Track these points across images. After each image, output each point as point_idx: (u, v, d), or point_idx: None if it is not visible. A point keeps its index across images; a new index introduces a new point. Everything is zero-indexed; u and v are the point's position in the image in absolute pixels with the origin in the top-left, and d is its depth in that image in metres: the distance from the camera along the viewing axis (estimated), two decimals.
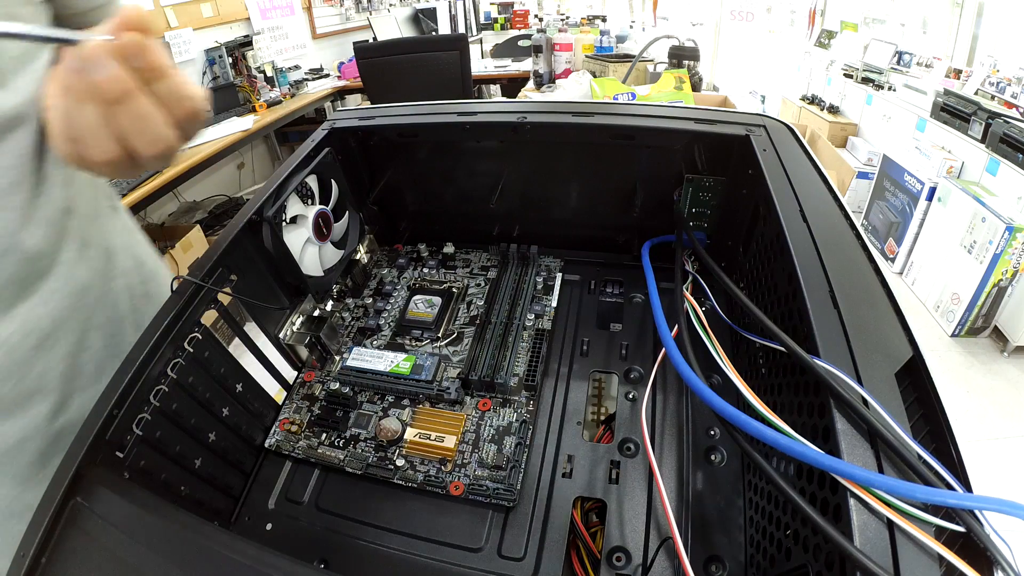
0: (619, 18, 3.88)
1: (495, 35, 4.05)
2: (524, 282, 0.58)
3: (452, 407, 0.48)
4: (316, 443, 0.47)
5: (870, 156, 2.44)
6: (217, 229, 2.14)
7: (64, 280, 0.41)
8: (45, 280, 0.39)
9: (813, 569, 0.27)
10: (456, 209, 0.68)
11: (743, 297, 0.39)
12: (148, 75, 0.27)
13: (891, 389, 0.27)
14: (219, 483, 0.43)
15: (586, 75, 1.60)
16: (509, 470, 0.43)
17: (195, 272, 0.41)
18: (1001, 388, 1.64)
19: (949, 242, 1.84)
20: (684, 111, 0.55)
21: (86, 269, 0.43)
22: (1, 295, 0.36)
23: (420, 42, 2.45)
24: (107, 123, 0.27)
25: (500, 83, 2.88)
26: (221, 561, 0.26)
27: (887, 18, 2.74)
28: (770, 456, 0.34)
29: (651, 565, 0.37)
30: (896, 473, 0.24)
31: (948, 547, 0.21)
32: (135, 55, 0.26)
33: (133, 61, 0.26)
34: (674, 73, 1.29)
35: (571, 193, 0.64)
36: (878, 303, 0.33)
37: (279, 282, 0.51)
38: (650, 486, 0.41)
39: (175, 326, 0.38)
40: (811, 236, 0.37)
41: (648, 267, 0.53)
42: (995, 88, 1.96)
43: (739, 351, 0.49)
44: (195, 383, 0.41)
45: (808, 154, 0.48)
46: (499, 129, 0.58)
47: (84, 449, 0.31)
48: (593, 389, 0.51)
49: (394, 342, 0.55)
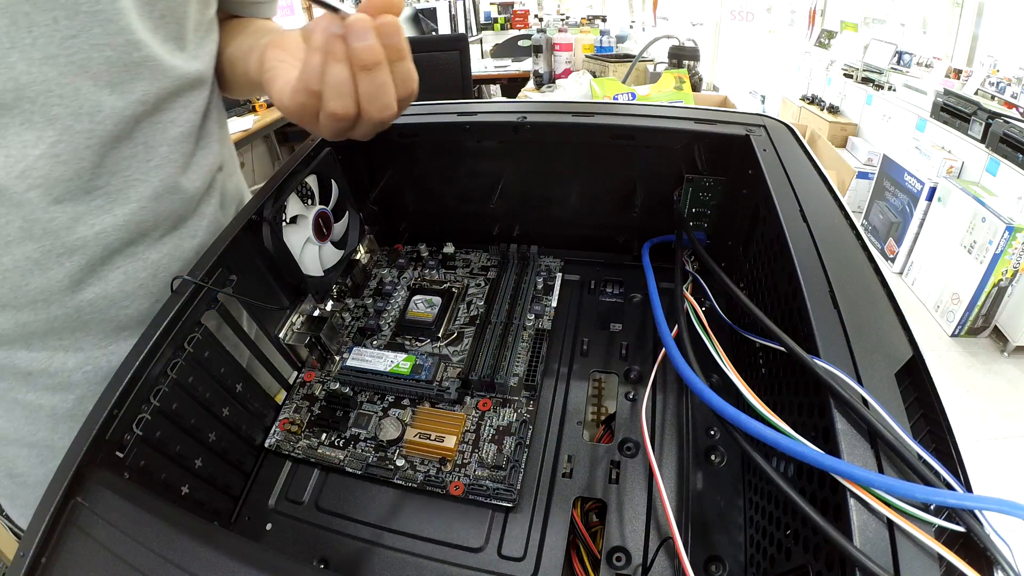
0: (619, 18, 3.88)
1: (495, 35, 4.05)
2: (524, 282, 0.58)
3: (452, 407, 0.48)
4: (316, 443, 0.47)
5: (870, 156, 2.45)
6: None
7: (207, 221, 0.48)
8: (193, 218, 0.47)
9: (813, 569, 0.27)
10: (456, 209, 0.68)
11: (743, 297, 0.39)
12: (393, 54, 0.31)
13: (891, 389, 0.27)
14: (219, 483, 0.43)
15: (586, 75, 1.61)
16: (509, 470, 0.43)
17: (195, 272, 0.41)
18: (1001, 388, 1.64)
19: (949, 242, 1.85)
20: (684, 111, 0.55)
21: (223, 216, 0.51)
22: (160, 226, 0.44)
23: (420, 42, 2.45)
24: (353, 85, 0.31)
25: (500, 83, 2.88)
26: (221, 561, 0.26)
27: (887, 18, 2.75)
28: (770, 456, 0.34)
29: (651, 565, 0.37)
30: (896, 473, 0.24)
31: (948, 547, 0.21)
32: (390, 34, 0.31)
33: (386, 39, 0.31)
34: (674, 73, 1.29)
35: (571, 193, 0.64)
36: (878, 303, 0.33)
37: (279, 282, 0.51)
38: (650, 486, 0.41)
39: (175, 326, 0.38)
40: (811, 236, 0.37)
41: (648, 267, 0.53)
42: (995, 88, 1.96)
43: (739, 351, 0.49)
44: (195, 383, 0.41)
45: (808, 154, 0.48)
46: (499, 129, 0.58)
47: (84, 449, 0.31)
48: (593, 389, 0.51)
49: (394, 342, 0.55)
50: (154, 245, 0.44)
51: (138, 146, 0.40)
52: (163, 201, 0.43)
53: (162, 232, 0.44)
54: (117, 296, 0.43)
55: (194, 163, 0.45)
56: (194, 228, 0.47)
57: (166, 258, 0.45)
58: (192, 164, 0.45)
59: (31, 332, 0.41)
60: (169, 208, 0.44)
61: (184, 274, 0.40)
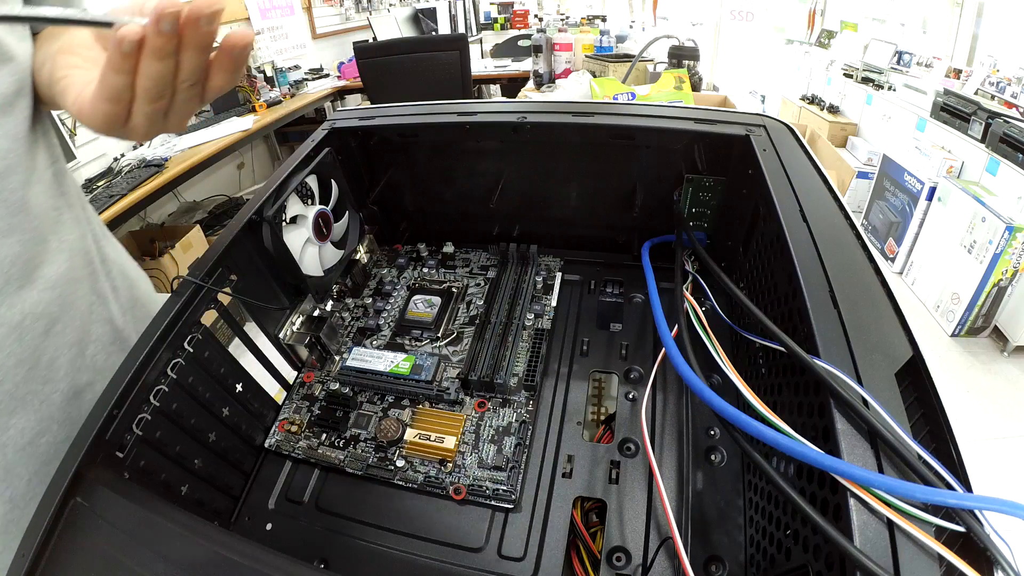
0: (619, 18, 3.88)
1: (495, 35, 4.05)
2: (524, 282, 0.58)
3: (452, 407, 0.48)
4: (316, 443, 0.47)
5: (870, 156, 2.44)
6: (217, 229, 2.14)
7: (67, 267, 0.41)
8: (47, 266, 0.39)
9: (813, 569, 0.27)
10: (456, 209, 0.68)
11: (743, 297, 0.39)
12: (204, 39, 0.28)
13: (891, 389, 0.27)
14: (219, 483, 0.43)
15: (586, 75, 1.60)
16: (509, 470, 0.43)
17: (195, 272, 0.41)
18: (1001, 388, 1.64)
19: (949, 242, 1.84)
20: (684, 111, 0.55)
21: (82, 259, 0.43)
22: (11, 274, 0.37)
23: (420, 42, 2.44)
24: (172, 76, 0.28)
25: (500, 83, 2.88)
26: (221, 561, 0.26)
27: (887, 18, 2.74)
28: (770, 456, 0.34)
29: (651, 565, 0.37)
30: (896, 473, 0.24)
31: (948, 547, 0.21)
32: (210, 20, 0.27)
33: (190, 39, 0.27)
34: (674, 73, 1.29)
35: (571, 193, 0.64)
36: (878, 303, 0.32)
37: (279, 282, 0.51)
38: (650, 486, 0.41)
39: (175, 326, 0.38)
40: (811, 236, 0.37)
41: (648, 267, 0.53)
42: (995, 88, 1.96)
43: (739, 351, 0.49)
44: (195, 383, 0.41)
45: (808, 154, 0.48)
46: (499, 129, 0.58)
47: (84, 449, 0.31)
48: (593, 389, 0.51)
49: (394, 342, 0.55)
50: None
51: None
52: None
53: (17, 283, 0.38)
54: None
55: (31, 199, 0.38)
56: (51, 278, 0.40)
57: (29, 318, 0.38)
58: (29, 201, 0.38)
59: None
60: (16, 251, 0.37)
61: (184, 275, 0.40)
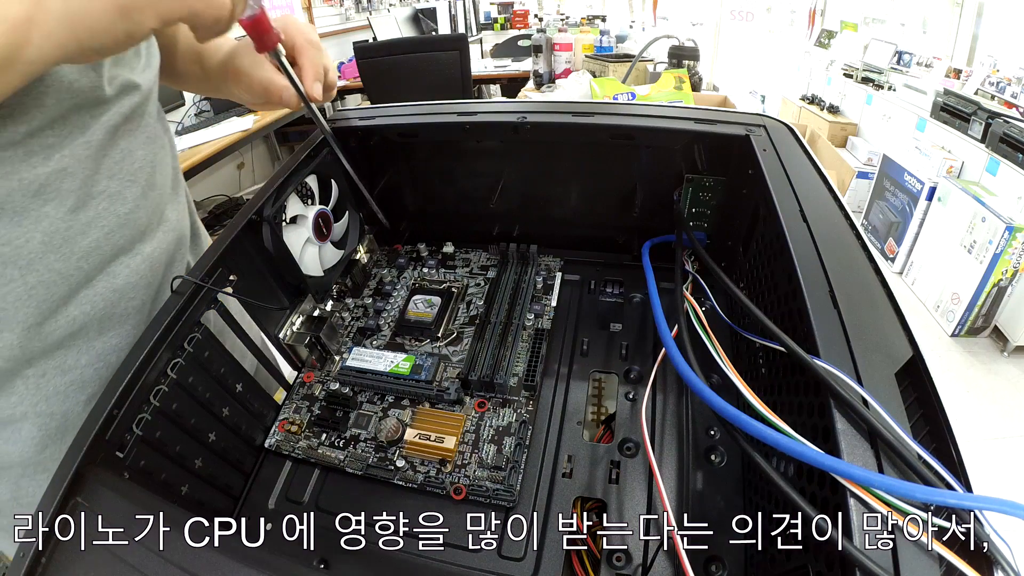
0: (619, 18, 3.88)
1: (495, 35, 4.05)
2: (524, 282, 0.58)
3: (452, 407, 0.48)
4: (316, 443, 0.47)
5: (870, 156, 2.44)
6: (217, 229, 2.14)
7: (178, 212, 0.51)
8: (171, 206, 0.50)
9: (813, 569, 0.27)
10: (456, 209, 0.68)
11: (743, 297, 0.39)
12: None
13: (891, 389, 0.27)
14: (219, 483, 0.43)
15: (586, 75, 1.60)
16: (509, 470, 0.43)
17: (195, 272, 0.41)
18: (1001, 388, 1.64)
19: (949, 242, 1.84)
20: (684, 111, 0.55)
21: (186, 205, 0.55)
22: (150, 225, 0.46)
23: (420, 42, 2.45)
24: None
25: (500, 83, 2.88)
26: (221, 561, 0.26)
27: (887, 18, 2.74)
28: (770, 456, 0.34)
29: (651, 565, 0.37)
30: (896, 473, 0.24)
31: (948, 547, 0.21)
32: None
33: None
34: (674, 73, 1.29)
35: (571, 193, 0.64)
36: (878, 303, 0.33)
37: (279, 282, 0.51)
38: (650, 486, 0.41)
39: (175, 326, 0.38)
40: (811, 236, 0.37)
41: (648, 267, 0.53)
42: (995, 88, 1.96)
43: (739, 351, 0.49)
44: (195, 383, 0.41)
45: (808, 154, 0.48)
46: (499, 129, 0.58)
47: (84, 449, 0.31)
48: (593, 389, 0.51)
49: (394, 342, 0.55)
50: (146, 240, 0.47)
51: (123, 151, 0.43)
52: (149, 198, 0.46)
53: (152, 229, 0.47)
54: (125, 289, 0.44)
55: (159, 162, 0.49)
56: (165, 231, 0.50)
57: (156, 250, 0.47)
58: (158, 163, 0.48)
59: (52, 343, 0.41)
60: (155, 203, 0.47)
61: (182, 274, 0.40)
